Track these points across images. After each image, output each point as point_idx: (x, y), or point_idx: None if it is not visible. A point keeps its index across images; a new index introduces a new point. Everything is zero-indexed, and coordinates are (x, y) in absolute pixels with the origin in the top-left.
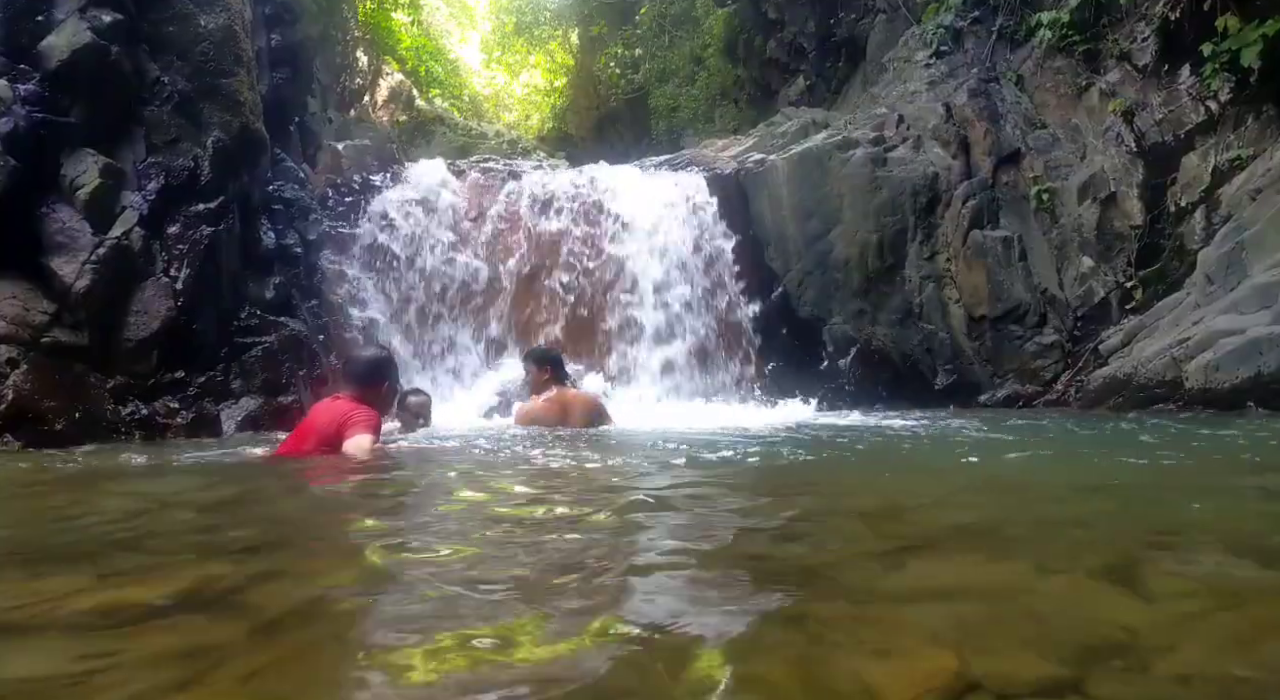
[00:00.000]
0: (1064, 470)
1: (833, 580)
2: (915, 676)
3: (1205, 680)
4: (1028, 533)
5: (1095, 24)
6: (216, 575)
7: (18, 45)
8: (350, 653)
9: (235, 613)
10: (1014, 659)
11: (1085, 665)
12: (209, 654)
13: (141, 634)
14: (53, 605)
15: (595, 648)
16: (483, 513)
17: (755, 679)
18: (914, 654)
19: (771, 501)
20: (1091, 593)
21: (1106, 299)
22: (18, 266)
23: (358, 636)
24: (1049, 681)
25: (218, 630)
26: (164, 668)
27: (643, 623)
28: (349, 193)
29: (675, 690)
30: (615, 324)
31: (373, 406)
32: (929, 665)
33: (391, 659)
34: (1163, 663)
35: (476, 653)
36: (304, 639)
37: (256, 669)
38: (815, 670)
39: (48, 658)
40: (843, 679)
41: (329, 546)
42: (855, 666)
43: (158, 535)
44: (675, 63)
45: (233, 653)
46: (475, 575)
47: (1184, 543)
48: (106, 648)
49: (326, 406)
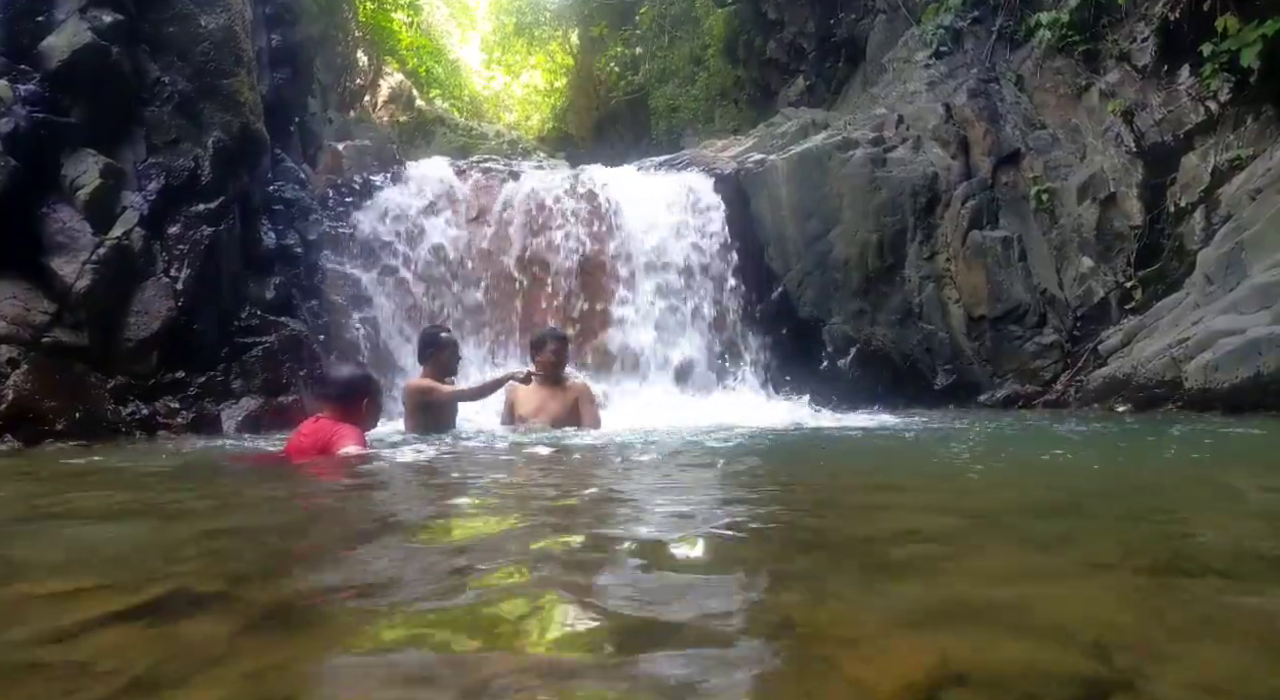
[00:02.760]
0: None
1: (822, 578)
2: (900, 670)
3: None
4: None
5: (1095, 24)
6: (211, 572)
7: (18, 45)
8: (352, 651)
9: (232, 609)
10: (1001, 652)
11: (1080, 660)
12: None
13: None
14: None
15: (588, 645)
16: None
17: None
18: (899, 648)
19: (769, 498)
20: (1090, 588)
21: (1106, 299)
22: (18, 266)
23: (359, 634)
24: (1037, 675)
25: (214, 627)
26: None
27: (614, 620)
28: (349, 193)
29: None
30: (615, 324)
31: (355, 424)
32: (914, 659)
33: (390, 651)
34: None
35: (478, 643)
36: (304, 636)
37: (257, 667)
38: (802, 666)
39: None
40: (828, 673)
41: (330, 545)
42: (840, 659)
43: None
44: (675, 63)
45: (230, 650)
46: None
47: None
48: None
49: (309, 428)
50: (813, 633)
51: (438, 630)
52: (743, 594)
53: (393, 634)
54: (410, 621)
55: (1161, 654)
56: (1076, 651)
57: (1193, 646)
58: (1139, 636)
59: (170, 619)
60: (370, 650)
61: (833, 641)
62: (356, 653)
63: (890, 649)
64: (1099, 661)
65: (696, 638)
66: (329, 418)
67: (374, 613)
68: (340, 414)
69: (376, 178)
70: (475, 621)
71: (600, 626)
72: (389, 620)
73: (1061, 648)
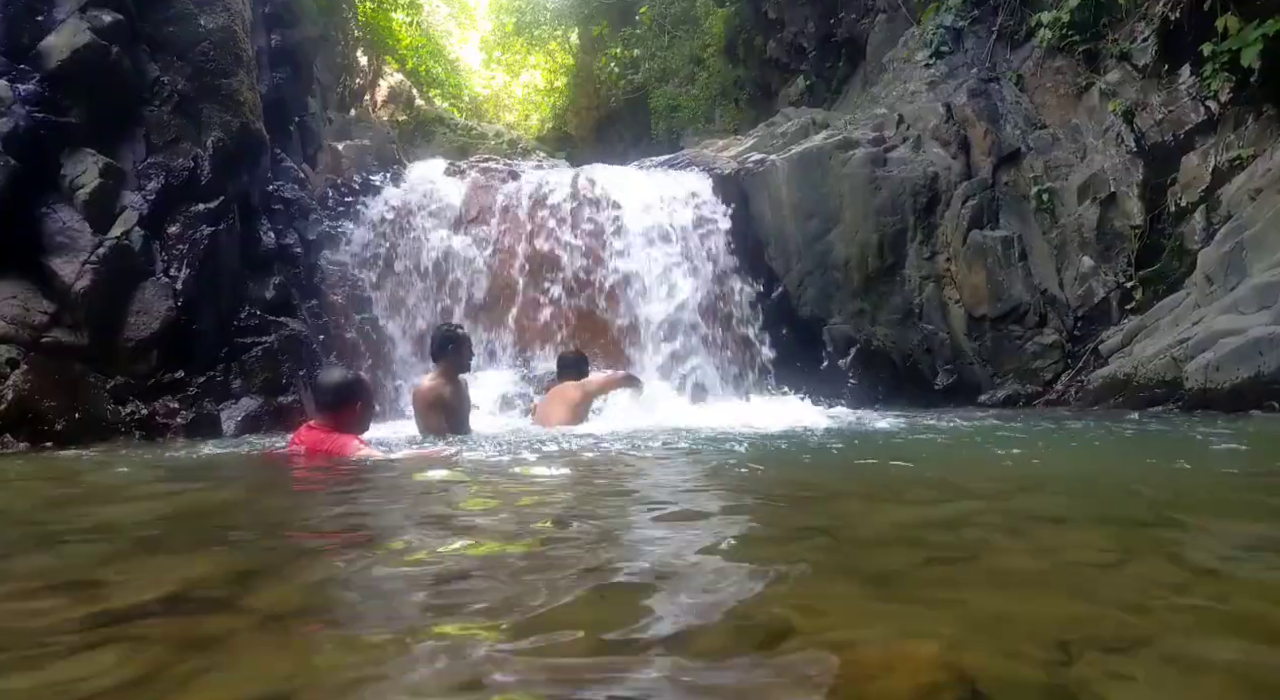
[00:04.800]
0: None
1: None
2: (907, 669)
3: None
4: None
5: (1095, 24)
6: (215, 573)
7: (18, 45)
8: (350, 649)
9: (235, 609)
10: (1007, 653)
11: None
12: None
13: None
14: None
15: (583, 643)
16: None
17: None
18: (906, 647)
19: (769, 499)
20: (1083, 584)
21: (1106, 299)
22: (18, 266)
23: (358, 633)
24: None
25: (218, 625)
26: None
27: (613, 627)
28: (349, 193)
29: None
30: (615, 323)
31: (348, 430)
32: (921, 658)
33: (398, 651)
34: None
35: (482, 642)
36: (306, 634)
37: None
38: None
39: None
40: (837, 670)
41: (329, 542)
42: (849, 658)
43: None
44: (675, 63)
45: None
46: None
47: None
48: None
49: (304, 437)
50: (814, 638)
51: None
52: (738, 596)
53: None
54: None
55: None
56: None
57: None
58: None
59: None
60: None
61: (833, 646)
62: (364, 651)
63: (893, 655)
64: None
65: (687, 640)
66: (321, 427)
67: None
68: (333, 422)
69: (376, 177)
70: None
71: (588, 628)
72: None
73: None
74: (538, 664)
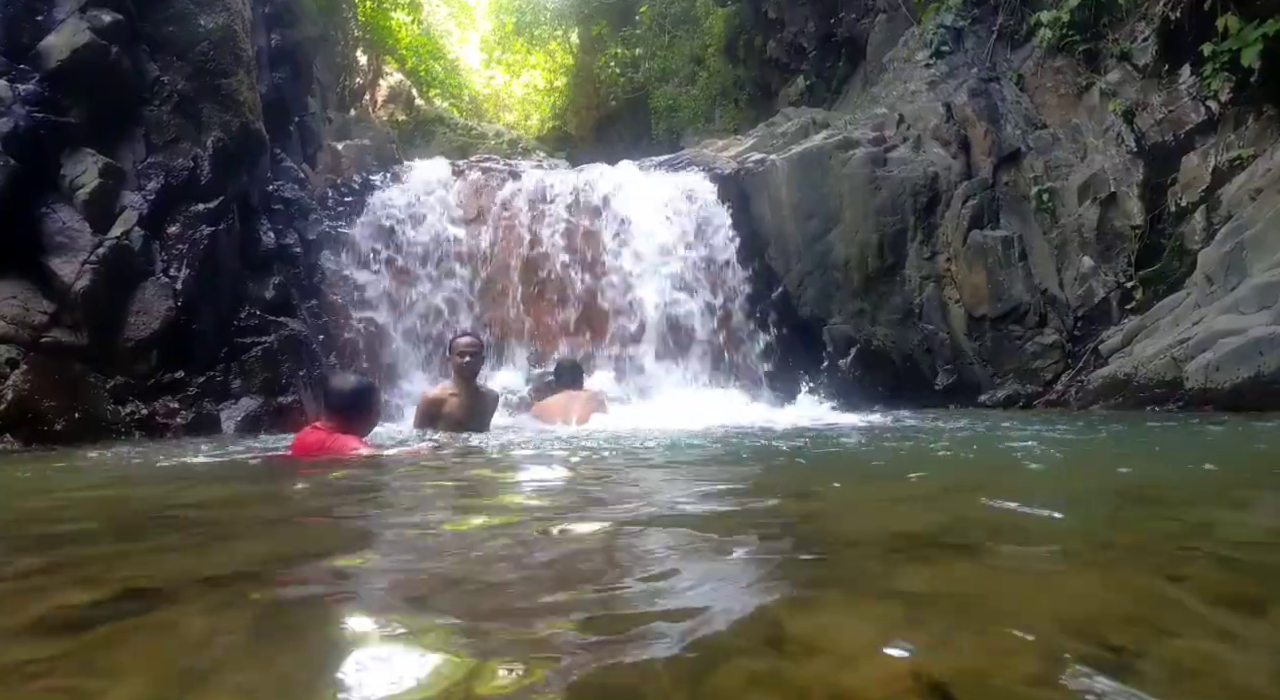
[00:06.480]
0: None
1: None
2: (881, 677)
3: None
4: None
5: (1095, 24)
6: (222, 570)
7: (18, 45)
8: (351, 649)
9: (238, 606)
10: (984, 658)
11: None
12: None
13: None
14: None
15: (580, 642)
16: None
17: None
18: (879, 655)
19: (769, 500)
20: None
21: (1106, 299)
22: (18, 266)
23: (361, 632)
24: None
25: (219, 623)
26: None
27: (595, 638)
28: (349, 193)
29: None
30: (615, 323)
31: (353, 432)
32: (895, 666)
33: (396, 650)
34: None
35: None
36: (307, 632)
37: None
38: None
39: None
40: (809, 679)
41: (330, 542)
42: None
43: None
44: (675, 63)
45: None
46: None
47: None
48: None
49: (309, 437)
50: (802, 641)
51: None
52: (731, 594)
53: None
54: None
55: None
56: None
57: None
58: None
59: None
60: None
61: (821, 650)
62: (364, 651)
63: (878, 659)
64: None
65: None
66: (326, 428)
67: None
68: (341, 425)
69: (376, 177)
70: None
71: (571, 630)
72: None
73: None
74: (521, 666)
